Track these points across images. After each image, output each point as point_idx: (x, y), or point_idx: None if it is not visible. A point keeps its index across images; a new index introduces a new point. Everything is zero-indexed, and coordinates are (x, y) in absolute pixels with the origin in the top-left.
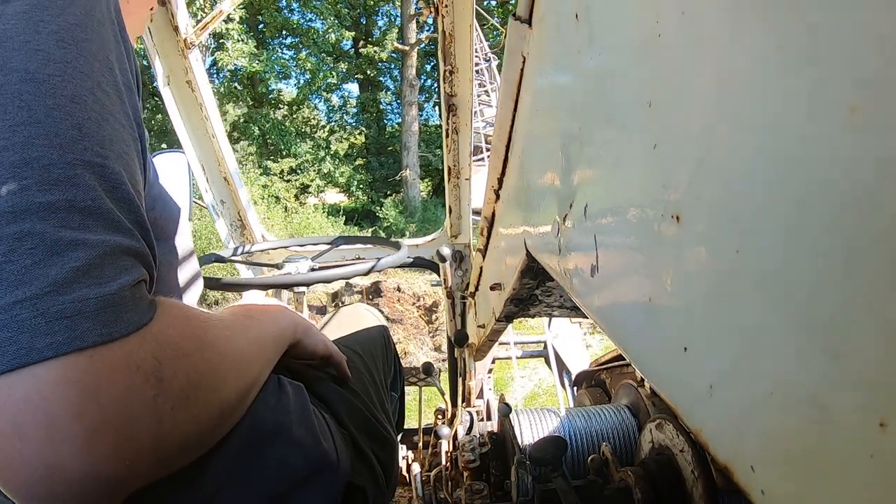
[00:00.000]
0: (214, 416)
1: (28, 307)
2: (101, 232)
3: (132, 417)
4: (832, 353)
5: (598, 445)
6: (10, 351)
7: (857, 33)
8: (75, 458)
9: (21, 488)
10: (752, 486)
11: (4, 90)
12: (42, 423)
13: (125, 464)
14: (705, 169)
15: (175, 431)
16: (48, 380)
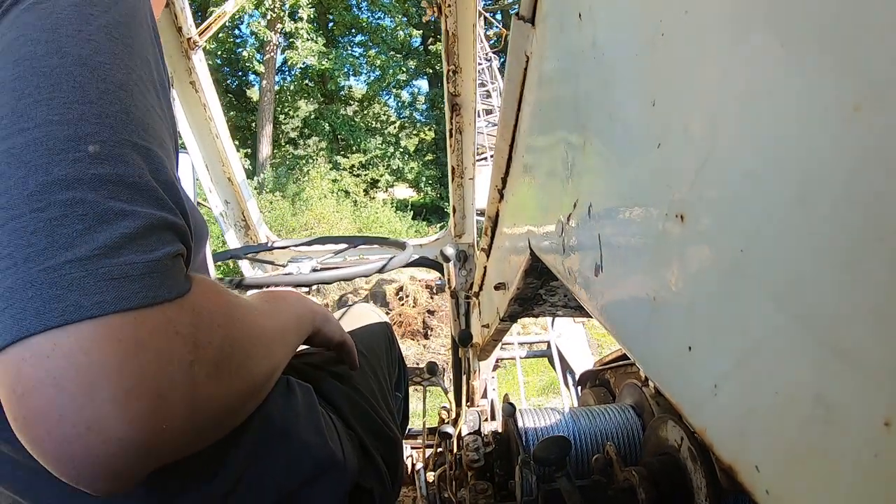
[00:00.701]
0: (243, 392)
1: (77, 267)
2: (147, 206)
3: (170, 381)
4: (837, 351)
5: (602, 445)
6: (58, 308)
7: (862, 32)
8: (113, 416)
9: (56, 445)
10: (757, 486)
11: (59, 71)
12: (83, 380)
13: (160, 427)
14: (709, 168)
15: (207, 400)
16: (93, 337)
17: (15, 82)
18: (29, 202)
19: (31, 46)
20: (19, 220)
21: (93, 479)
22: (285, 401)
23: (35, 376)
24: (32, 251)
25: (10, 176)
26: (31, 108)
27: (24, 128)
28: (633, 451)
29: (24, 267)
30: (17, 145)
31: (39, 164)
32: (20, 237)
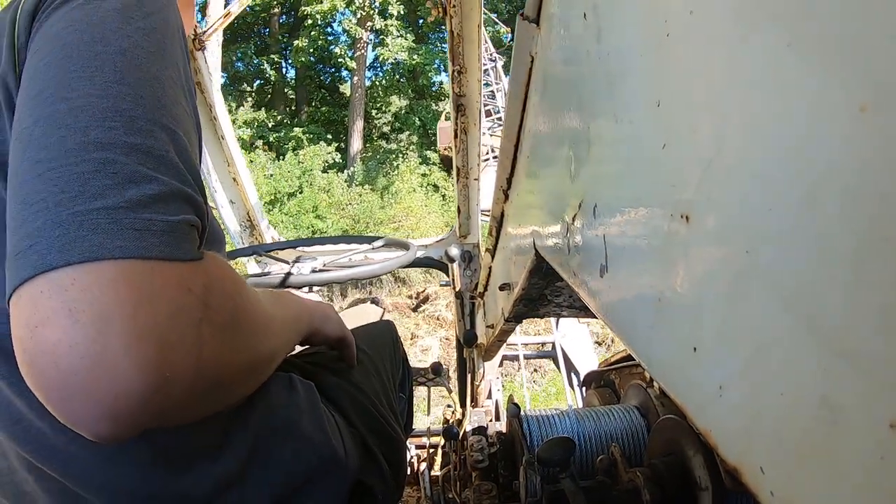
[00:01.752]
0: (244, 364)
1: (105, 214)
2: (172, 178)
3: (178, 332)
4: (843, 353)
5: (606, 446)
6: (82, 246)
7: (867, 32)
8: (122, 354)
9: (62, 378)
10: (762, 488)
11: (103, 56)
12: (98, 314)
13: (165, 375)
14: (714, 169)
15: (212, 361)
16: (111, 276)
17: (62, 61)
18: (66, 157)
19: (79, 34)
20: (55, 171)
21: (92, 418)
22: (288, 397)
23: (51, 307)
24: (64, 197)
25: (51, 135)
26: (75, 81)
27: (66, 97)
28: (637, 452)
29: (55, 210)
30: (60, 111)
31: (78, 127)
32: (54, 185)
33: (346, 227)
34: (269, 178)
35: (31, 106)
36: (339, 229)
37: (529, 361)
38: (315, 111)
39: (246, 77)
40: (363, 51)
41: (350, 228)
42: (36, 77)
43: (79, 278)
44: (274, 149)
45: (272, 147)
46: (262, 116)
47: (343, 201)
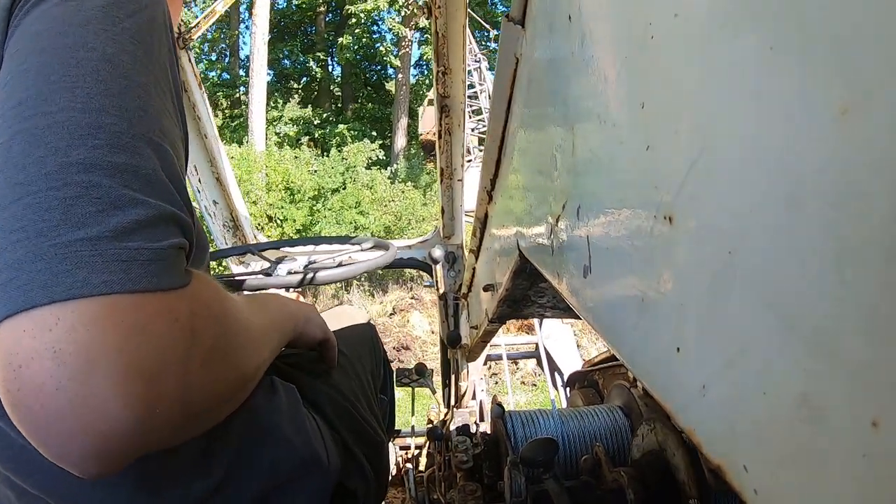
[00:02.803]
0: (232, 383)
1: (88, 245)
2: (158, 198)
3: (165, 365)
4: (824, 352)
5: (590, 446)
6: (66, 282)
7: (849, 35)
8: (109, 393)
9: (49, 419)
10: (745, 486)
11: (85, 64)
12: (83, 355)
13: (153, 409)
14: (698, 170)
15: (200, 387)
16: (96, 315)
17: (42, 67)
18: (46, 180)
19: (60, 38)
20: (35, 197)
21: (81, 457)
22: (269, 399)
23: (35, 348)
24: (45, 226)
25: (30, 154)
26: (56, 93)
27: (46, 111)
28: (621, 451)
29: (36, 241)
30: (39, 126)
31: (59, 147)
32: (34, 212)
33: (388, 223)
34: (314, 174)
35: (9, 118)
36: (381, 225)
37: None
38: (360, 108)
39: (292, 74)
40: (408, 49)
41: (392, 225)
42: (15, 85)
43: (63, 317)
44: (319, 145)
45: (317, 143)
46: (308, 113)
47: (386, 198)
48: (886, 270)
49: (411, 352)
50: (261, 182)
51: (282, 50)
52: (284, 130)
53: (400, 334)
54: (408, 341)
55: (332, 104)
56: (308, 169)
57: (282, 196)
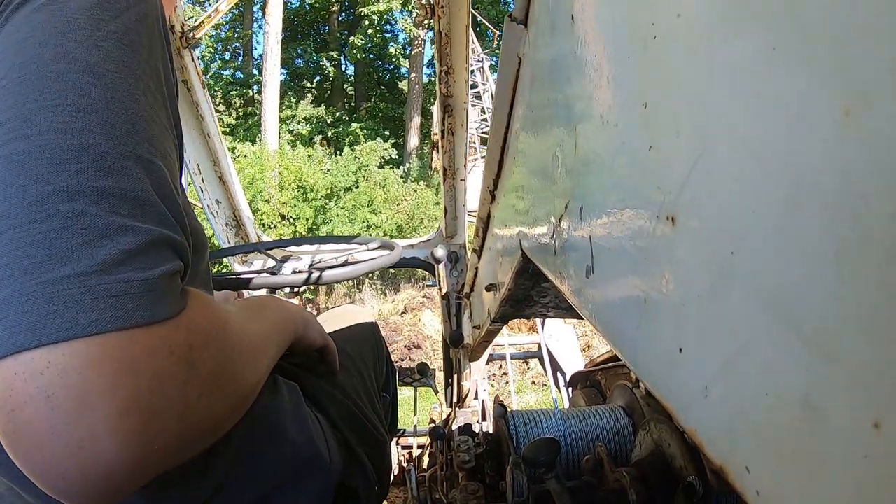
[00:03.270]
0: (231, 406)
1: (75, 283)
2: (148, 222)
3: (163, 400)
4: (826, 353)
5: (593, 446)
6: (54, 324)
7: (852, 36)
8: (105, 435)
9: (46, 462)
10: (747, 487)
11: (66, 78)
12: (77, 398)
13: (151, 447)
14: (700, 170)
15: (198, 417)
16: (88, 356)
17: (21, 85)
18: (28, 212)
19: (39, 49)
20: (18, 230)
21: (82, 496)
22: (272, 398)
23: (27, 392)
24: (30, 263)
25: (11, 183)
26: (36, 113)
27: (27, 134)
28: (623, 452)
29: (21, 279)
30: (19, 151)
31: (41, 174)
32: (18, 248)
33: (400, 222)
34: (326, 173)
35: None
36: (394, 224)
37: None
38: (373, 107)
39: (306, 73)
40: (420, 48)
41: (404, 223)
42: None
43: (53, 361)
44: (332, 144)
45: (330, 142)
46: (321, 112)
47: (398, 197)
48: (887, 271)
49: (422, 350)
50: (274, 181)
51: (295, 49)
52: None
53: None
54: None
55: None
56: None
57: (294, 195)
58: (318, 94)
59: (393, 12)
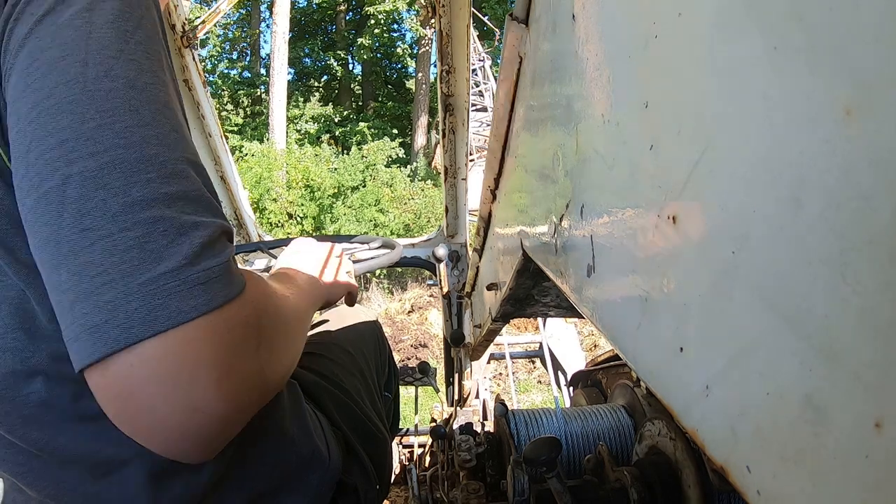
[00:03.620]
0: (288, 364)
1: (172, 278)
2: (210, 216)
3: (247, 364)
4: (827, 353)
5: (594, 446)
6: (164, 315)
7: (853, 35)
8: (213, 398)
9: (169, 431)
10: (748, 487)
11: (114, 95)
12: (190, 373)
13: (245, 402)
14: (701, 170)
15: (271, 375)
16: (192, 337)
17: (74, 105)
18: (115, 222)
19: (82, 68)
20: (109, 240)
21: (196, 451)
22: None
23: (144, 376)
24: (128, 267)
25: (90, 198)
26: (96, 132)
27: (93, 151)
28: (624, 451)
29: (123, 282)
30: (91, 168)
31: (118, 187)
32: (112, 255)
33: (407, 221)
34: (334, 172)
35: (53, 159)
36: (401, 223)
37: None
38: (380, 106)
39: (313, 73)
40: (427, 48)
41: (412, 223)
42: (48, 122)
43: (163, 346)
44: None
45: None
46: (328, 111)
47: (405, 196)
48: (889, 270)
49: (429, 349)
50: (281, 180)
51: (302, 48)
52: (305, 128)
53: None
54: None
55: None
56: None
57: (302, 193)
58: (325, 93)
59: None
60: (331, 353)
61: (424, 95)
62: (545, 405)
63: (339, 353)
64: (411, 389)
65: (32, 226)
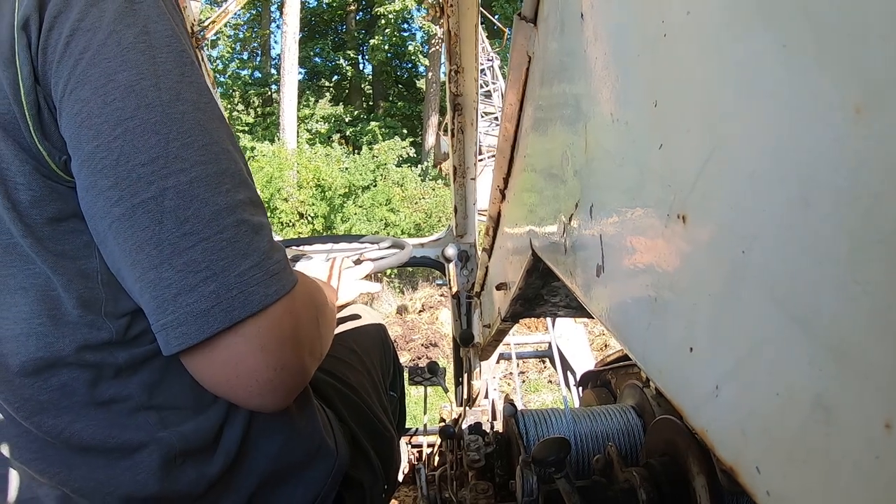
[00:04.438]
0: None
1: (257, 270)
2: (265, 216)
3: (311, 332)
4: (838, 353)
5: (603, 446)
6: (256, 299)
7: (863, 33)
8: (294, 358)
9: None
10: (758, 487)
11: (187, 118)
12: (277, 344)
13: (312, 364)
14: (711, 169)
15: (322, 341)
16: (279, 314)
17: (157, 126)
18: (209, 227)
19: (157, 92)
20: (207, 242)
21: (281, 400)
22: None
23: (246, 349)
24: (225, 263)
25: (186, 208)
26: (181, 150)
27: (182, 168)
28: (633, 451)
29: (223, 275)
30: (182, 182)
31: (206, 198)
32: (212, 254)
33: (418, 220)
34: (345, 172)
35: (146, 174)
36: (412, 223)
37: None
38: (391, 106)
39: (324, 72)
40: (438, 46)
41: (422, 222)
42: (134, 141)
43: (257, 323)
44: (350, 143)
45: (349, 141)
46: (339, 111)
47: (416, 195)
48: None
49: (439, 348)
50: (292, 179)
51: (313, 48)
52: (316, 128)
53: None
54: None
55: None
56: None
57: (313, 193)
58: (336, 92)
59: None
60: (337, 352)
61: (435, 94)
62: (555, 405)
63: (345, 352)
64: (420, 389)
65: (124, 230)
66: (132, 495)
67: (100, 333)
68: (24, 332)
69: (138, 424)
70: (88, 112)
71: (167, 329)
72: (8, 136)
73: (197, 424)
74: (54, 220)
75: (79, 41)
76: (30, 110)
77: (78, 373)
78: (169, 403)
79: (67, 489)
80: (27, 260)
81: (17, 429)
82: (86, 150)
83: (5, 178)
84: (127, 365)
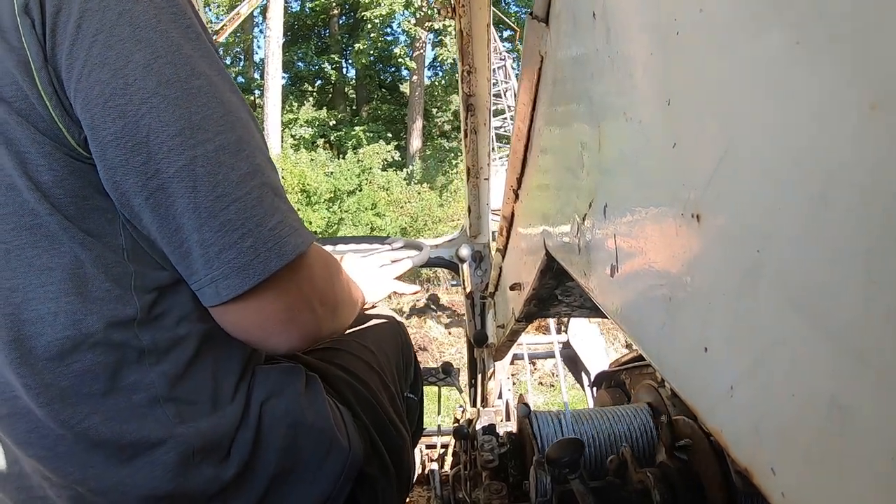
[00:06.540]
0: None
1: (285, 224)
2: (279, 177)
3: (331, 283)
4: (853, 354)
5: (617, 446)
6: (289, 249)
7: (877, 30)
8: (320, 302)
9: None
10: (773, 489)
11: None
12: (311, 284)
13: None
14: (725, 167)
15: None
16: (309, 262)
17: (178, 101)
18: (238, 189)
19: (174, 70)
20: (239, 202)
21: (308, 341)
22: (293, 386)
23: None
24: (258, 220)
25: (216, 173)
26: (204, 122)
27: (206, 138)
28: (648, 452)
29: (257, 231)
30: (210, 150)
31: (232, 163)
32: (244, 212)
33: (404, 224)
34: (329, 176)
35: (176, 145)
36: (398, 227)
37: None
38: (375, 110)
39: (307, 77)
40: (422, 50)
41: (408, 226)
42: (161, 116)
43: (292, 270)
44: (335, 147)
45: (333, 146)
46: (323, 115)
47: (402, 199)
48: None
49: (428, 352)
50: None
51: (296, 53)
52: (300, 133)
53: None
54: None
55: (347, 106)
56: (324, 171)
57: (298, 198)
58: (319, 97)
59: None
60: (351, 349)
61: (419, 98)
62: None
63: (359, 349)
64: (434, 389)
65: (164, 200)
66: (149, 495)
67: (126, 309)
68: (52, 311)
69: (157, 417)
70: (111, 93)
71: (217, 282)
72: (23, 119)
73: (213, 421)
74: (79, 198)
75: (90, 23)
76: (44, 88)
77: (102, 356)
78: (188, 397)
79: (82, 488)
80: (54, 240)
81: (32, 423)
82: (111, 130)
83: (25, 161)
84: (150, 349)
